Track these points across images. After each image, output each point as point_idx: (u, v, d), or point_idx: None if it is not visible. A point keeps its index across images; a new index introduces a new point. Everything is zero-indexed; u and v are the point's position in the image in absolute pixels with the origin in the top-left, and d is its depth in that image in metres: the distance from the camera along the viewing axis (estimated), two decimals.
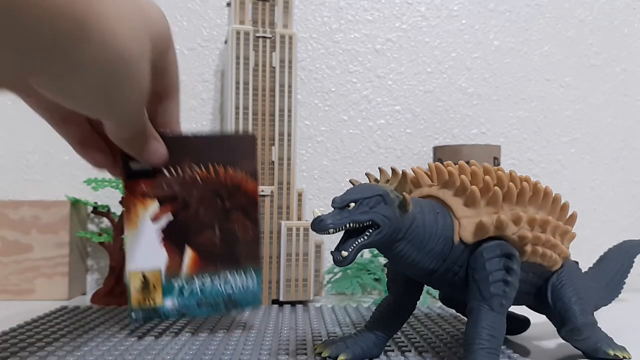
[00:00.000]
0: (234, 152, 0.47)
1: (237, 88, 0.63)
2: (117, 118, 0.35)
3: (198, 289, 0.46)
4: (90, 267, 0.78)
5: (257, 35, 0.64)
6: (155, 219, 0.45)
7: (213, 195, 0.46)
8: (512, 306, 0.42)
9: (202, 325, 0.52)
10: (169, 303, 0.45)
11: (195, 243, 0.46)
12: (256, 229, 0.48)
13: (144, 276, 0.45)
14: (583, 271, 0.49)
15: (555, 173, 0.88)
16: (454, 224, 0.39)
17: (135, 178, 0.44)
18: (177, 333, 0.49)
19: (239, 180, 0.47)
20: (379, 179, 0.40)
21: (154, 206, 0.45)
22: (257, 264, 0.48)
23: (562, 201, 0.46)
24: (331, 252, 0.36)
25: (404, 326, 0.52)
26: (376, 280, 0.70)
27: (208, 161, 0.46)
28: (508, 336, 0.52)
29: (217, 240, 0.47)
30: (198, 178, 0.46)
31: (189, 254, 0.46)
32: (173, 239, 0.45)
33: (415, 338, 0.47)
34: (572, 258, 0.47)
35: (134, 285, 0.44)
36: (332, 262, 0.37)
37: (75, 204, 0.71)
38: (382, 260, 0.73)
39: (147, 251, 0.45)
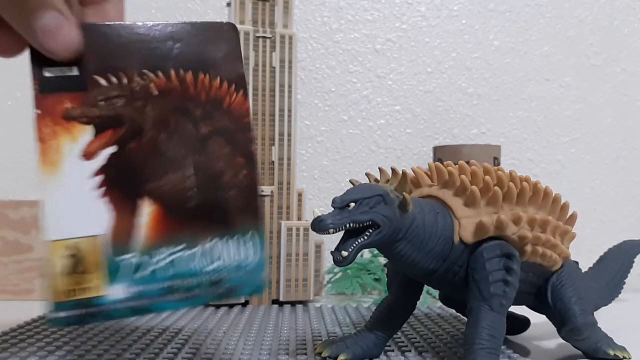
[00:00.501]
0: (207, 51, 0.33)
1: None
2: None
3: (164, 267, 0.30)
4: None
5: (257, 35, 0.64)
6: (88, 154, 0.30)
7: (179, 115, 0.32)
8: (512, 306, 0.42)
9: (202, 324, 0.52)
10: (117, 291, 0.29)
11: (156, 191, 0.31)
12: (252, 167, 0.33)
13: (73, 248, 0.29)
14: (583, 271, 0.49)
15: (555, 173, 0.88)
16: (454, 224, 0.39)
17: (54, 91, 0.29)
18: (176, 333, 0.49)
19: (219, 92, 0.33)
20: (379, 179, 0.40)
21: (85, 135, 0.30)
22: (257, 224, 0.32)
23: (562, 201, 0.46)
24: (331, 252, 0.36)
25: (404, 326, 0.52)
26: (376, 280, 0.70)
27: (168, 64, 0.32)
28: (508, 336, 0.52)
29: (190, 185, 0.31)
30: (154, 88, 0.31)
31: (147, 210, 0.30)
32: (119, 185, 0.30)
33: (415, 338, 0.47)
34: (572, 258, 0.47)
35: (56, 263, 0.29)
36: (332, 262, 0.37)
37: None
38: (382, 260, 0.73)
39: (77, 208, 0.29)
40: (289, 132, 0.65)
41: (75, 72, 0.30)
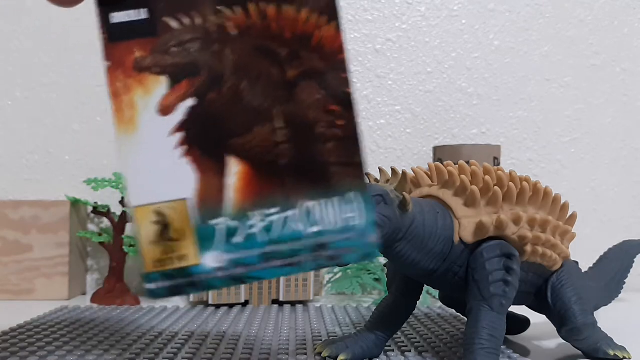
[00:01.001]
0: None
1: None
2: None
3: (260, 232, 0.27)
4: (90, 267, 0.78)
5: None
6: (165, 109, 0.27)
7: (262, 57, 0.28)
8: (512, 306, 0.42)
9: (202, 324, 0.52)
10: (211, 259, 0.27)
11: (243, 148, 0.28)
12: (350, 115, 0.28)
13: (159, 214, 0.27)
14: (583, 271, 0.49)
15: (555, 173, 0.88)
16: (454, 224, 0.39)
17: (123, 39, 0.27)
18: (176, 333, 0.49)
19: (307, 27, 0.28)
20: (379, 179, 0.40)
21: (160, 87, 0.27)
22: (360, 181, 0.28)
23: (562, 201, 0.45)
24: None
25: (404, 326, 0.52)
26: (376, 280, 0.70)
27: None
28: (508, 336, 0.52)
29: (280, 139, 0.28)
30: (231, 28, 0.27)
31: (234, 169, 0.28)
32: (202, 143, 0.27)
33: (415, 338, 0.47)
34: (572, 258, 0.47)
35: (144, 231, 0.27)
36: None
37: (75, 204, 0.71)
38: (382, 260, 0.73)
39: (159, 169, 0.27)
40: None
41: (143, 15, 0.27)
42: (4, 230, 0.68)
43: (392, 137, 0.85)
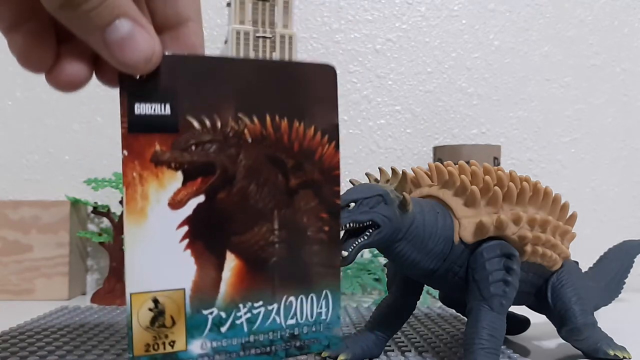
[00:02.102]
0: (305, 95, 0.30)
1: None
2: None
3: (244, 322, 0.30)
4: (90, 267, 0.78)
5: (257, 35, 0.64)
6: (176, 204, 0.28)
7: (271, 165, 0.30)
8: (512, 306, 0.42)
9: None
10: (197, 347, 0.29)
11: (241, 245, 0.29)
12: (336, 223, 0.31)
13: (155, 302, 0.28)
14: (583, 271, 0.49)
15: (555, 173, 0.88)
16: (454, 224, 0.39)
17: (144, 131, 0.27)
18: None
19: (312, 143, 0.31)
20: (379, 179, 0.40)
21: (174, 182, 0.27)
22: (335, 282, 0.32)
23: (562, 201, 0.46)
24: None
25: (404, 326, 0.52)
26: (376, 280, 0.70)
27: (264, 108, 0.29)
28: (508, 336, 0.52)
29: (275, 240, 0.30)
30: (247, 135, 0.29)
31: (230, 264, 0.29)
32: (205, 238, 0.28)
33: (415, 338, 0.47)
34: (572, 258, 0.47)
35: (139, 316, 0.27)
36: None
37: (75, 204, 0.71)
38: (382, 260, 0.73)
39: (161, 260, 0.28)
40: None
41: (167, 110, 0.27)
42: (4, 230, 0.68)
43: (392, 137, 0.85)
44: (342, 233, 0.37)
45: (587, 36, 0.88)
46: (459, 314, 0.55)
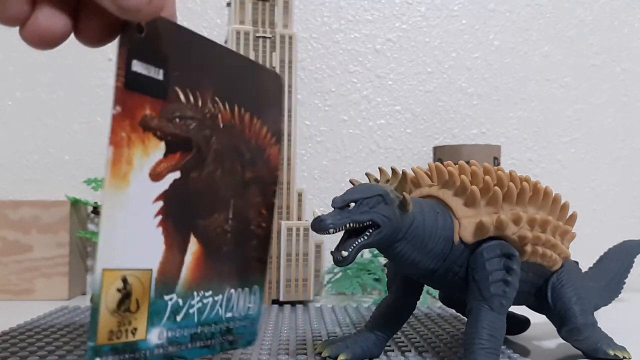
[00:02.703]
0: (259, 94, 0.31)
1: None
2: None
3: (195, 313, 0.28)
4: (90, 267, 0.78)
5: (257, 35, 0.64)
6: (156, 175, 0.26)
7: (234, 154, 0.30)
8: (512, 306, 0.42)
9: None
10: (155, 336, 0.27)
11: (202, 230, 0.28)
12: (270, 221, 0.32)
13: (124, 282, 0.25)
14: (583, 271, 0.49)
15: (555, 173, 0.88)
16: (454, 224, 0.39)
17: (138, 91, 0.25)
18: None
19: (264, 142, 0.32)
20: (379, 179, 0.40)
21: (157, 151, 0.26)
22: (263, 278, 0.32)
23: (562, 201, 0.46)
24: (331, 252, 0.36)
25: (404, 326, 0.52)
26: (376, 280, 0.70)
27: (234, 98, 0.29)
28: (508, 336, 0.52)
29: (228, 229, 0.30)
30: (220, 120, 0.29)
31: (192, 248, 0.28)
32: (176, 217, 0.27)
33: (415, 338, 0.47)
34: (572, 258, 0.47)
35: (107, 298, 0.24)
36: (332, 262, 0.37)
37: (75, 204, 0.71)
38: (382, 260, 0.73)
39: (135, 235, 0.25)
40: (289, 132, 0.65)
41: (160, 75, 0.26)
42: (4, 230, 0.68)
43: (392, 137, 0.85)
44: (342, 233, 0.37)
45: (587, 36, 0.88)
46: (459, 314, 0.55)
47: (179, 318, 0.28)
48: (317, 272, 0.67)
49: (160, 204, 0.26)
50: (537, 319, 0.53)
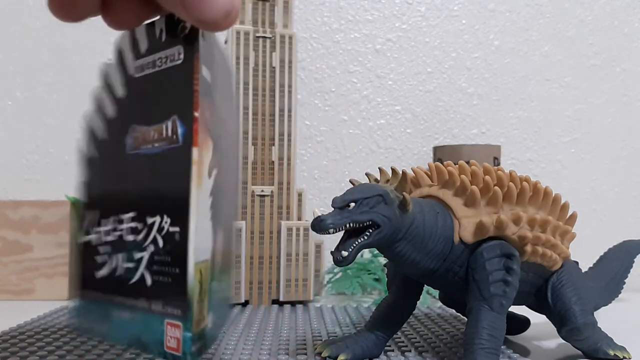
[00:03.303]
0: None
1: (237, 88, 0.63)
2: None
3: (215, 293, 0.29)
4: None
5: (257, 35, 0.64)
6: (210, 171, 0.28)
7: (231, 157, 0.31)
8: (512, 306, 0.42)
9: None
10: (210, 322, 0.28)
11: (222, 226, 0.30)
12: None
13: (199, 273, 0.27)
14: (583, 271, 0.49)
15: (555, 173, 0.88)
16: (454, 224, 0.39)
17: (205, 95, 0.27)
18: None
19: None
20: (379, 179, 0.40)
21: (210, 151, 0.28)
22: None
23: (562, 201, 0.45)
24: (331, 252, 0.36)
25: (404, 326, 0.52)
26: (376, 280, 0.70)
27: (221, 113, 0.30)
28: (508, 336, 0.52)
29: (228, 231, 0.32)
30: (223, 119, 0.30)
31: (219, 236, 0.30)
32: (216, 210, 0.29)
33: (415, 338, 0.47)
34: (572, 258, 0.47)
35: (196, 289, 0.26)
36: (332, 262, 0.37)
37: (75, 204, 0.71)
38: (382, 260, 0.73)
39: (204, 227, 0.27)
40: (289, 132, 0.65)
41: (209, 78, 0.27)
42: (4, 230, 0.68)
43: (392, 137, 0.85)
44: (342, 233, 0.37)
45: (587, 36, 0.88)
46: (459, 314, 0.55)
47: (212, 302, 0.29)
48: (317, 272, 0.67)
49: (211, 198, 0.28)
50: (537, 319, 0.53)
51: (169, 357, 0.26)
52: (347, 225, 0.35)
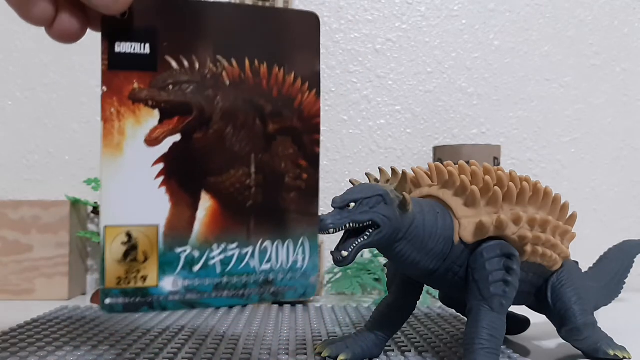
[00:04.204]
0: (286, 42, 0.31)
1: None
2: None
3: (218, 263, 0.30)
4: (90, 267, 0.78)
5: None
6: (152, 141, 0.29)
7: (249, 109, 0.30)
8: (512, 306, 0.42)
9: (203, 324, 0.52)
10: (168, 284, 0.29)
11: (216, 186, 0.30)
12: (314, 171, 0.32)
13: (129, 236, 0.28)
14: (583, 271, 0.49)
15: (555, 173, 0.88)
16: (454, 224, 0.39)
17: (123, 69, 0.28)
18: (176, 333, 0.49)
19: (292, 90, 0.31)
20: (379, 179, 0.40)
21: (151, 119, 0.28)
22: (312, 229, 0.32)
23: (562, 201, 0.46)
24: (331, 252, 0.36)
25: (404, 326, 0.52)
26: (376, 280, 0.70)
27: (243, 52, 0.30)
28: (508, 336, 0.52)
29: (251, 184, 0.30)
30: (226, 78, 0.30)
31: (205, 204, 0.30)
32: (179, 176, 0.29)
33: (415, 338, 0.47)
34: (572, 258, 0.47)
35: (111, 250, 0.28)
36: (332, 262, 0.37)
37: (75, 204, 0.71)
38: (382, 260, 0.73)
39: (136, 195, 0.28)
40: None
41: (147, 50, 0.28)
42: (4, 230, 0.68)
43: (392, 137, 0.85)
44: (342, 233, 0.37)
45: (587, 36, 0.88)
46: (459, 314, 0.55)
47: (196, 268, 0.30)
48: (317, 272, 0.67)
49: (161, 166, 0.29)
50: (537, 319, 0.53)
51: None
52: (347, 225, 0.35)
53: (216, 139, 0.30)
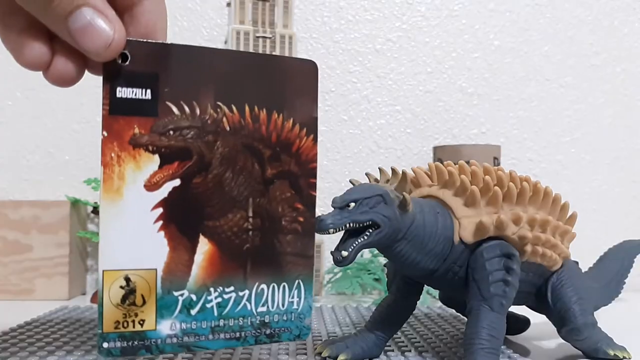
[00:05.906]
0: (286, 88, 0.32)
1: None
2: None
3: (215, 307, 0.30)
4: (90, 267, 0.78)
5: (257, 35, 0.64)
6: (152, 186, 0.29)
7: (248, 154, 0.31)
8: (512, 306, 0.42)
9: None
10: (166, 327, 0.29)
11: (214, 230, 0.30)
12: (311, 214, 0.33)
13: (127, 280, 0.29)
14: (583, 271, 0.49)
15: (555, 173, 0.88)
16: (454, 224, 0.39)
17: (124, 113, 0.28)
18: None
19: (290, 135, 0.32)
20: (379, 179, 0.40)
21: (151, 164, 0.29)
22: (308, 272, 0.33)
23: (562, 201, 0.46)
24: (331, 252, 0.36)
25: (404, 326, 0.52)
26: (376, 280, 0.70)
27: (244, 99, 0.30)
28: (508, 336, 0.52)
29: (249, 227, 0.31)
30: (226, 124, 0.30)
31: (203, 248, 0.30)
32: (178, 221, 0.29)
33: (415, 338, 0.47)
34: (572, 258, 0.47)
35: (109, 293, 0.28)
36: (332, 262, 0.37)
37: (75, 204, 0.71)
38: (382, 260, 0.73)
39: (135, 239, 0.28)
40: None
41: (148, 95, 0.28)
42: (4, 230, 0.68)
43: (392, 137, 0.85)
44: (342, 233, 0.37)
45: (587, 36, 0.88)
46: (459, 314, 0.55)
47: (193, 312, 0.30)
48: (317, 272, 0.67)
49: (160, 210, 0.29)
50: (537, 319, 0.53)
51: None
52: (347, 225, 0.35)
53: (215, 184, 0.30)
